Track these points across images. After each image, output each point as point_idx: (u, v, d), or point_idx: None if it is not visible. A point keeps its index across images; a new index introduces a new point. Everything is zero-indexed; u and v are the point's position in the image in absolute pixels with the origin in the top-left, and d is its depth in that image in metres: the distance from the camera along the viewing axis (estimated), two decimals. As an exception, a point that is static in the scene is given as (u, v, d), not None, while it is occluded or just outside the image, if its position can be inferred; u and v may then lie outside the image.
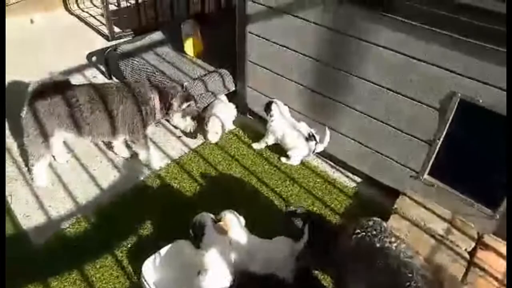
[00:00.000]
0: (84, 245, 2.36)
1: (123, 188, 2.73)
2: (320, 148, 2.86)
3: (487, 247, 2.21)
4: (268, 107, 2.95)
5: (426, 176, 2.49)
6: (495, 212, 2.27)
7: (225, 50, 3.31)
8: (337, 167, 2.99)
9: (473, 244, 2.24)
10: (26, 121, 2.48)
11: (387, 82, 2.42)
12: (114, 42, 4.18)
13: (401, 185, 2.61)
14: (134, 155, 2.93)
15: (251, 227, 2.24)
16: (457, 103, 2.20)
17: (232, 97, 3.41)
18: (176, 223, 2.47)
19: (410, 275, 1.54)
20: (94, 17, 4.81)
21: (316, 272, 2.22)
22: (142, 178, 2.82)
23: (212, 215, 2.19)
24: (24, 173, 2.80)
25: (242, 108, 3.37)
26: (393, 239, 1.74)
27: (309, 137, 2.83)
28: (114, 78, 3.68)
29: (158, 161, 2.89)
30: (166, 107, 2.67)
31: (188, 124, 2.82)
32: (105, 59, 3.64)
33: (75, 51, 4.04)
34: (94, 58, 4.00)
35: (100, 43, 4.26)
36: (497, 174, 2.34)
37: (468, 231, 2.31)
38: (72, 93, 2.50)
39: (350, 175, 2.93)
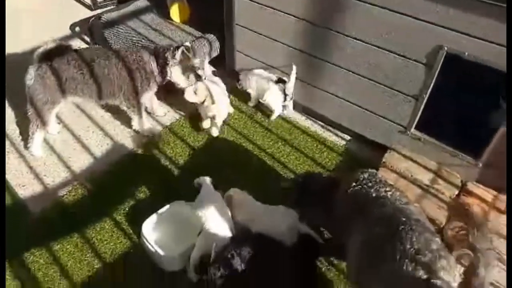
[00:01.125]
0: (82, 210, 2.42)
1: (117, 155, 2.76)
2: (290, 87, 2.91)
3: (470, 193, 2.33)
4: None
5: (413, 130, 2.57)
6: (477, 161, 2.37)
7: (212, 15, 3.27)
8: (327, 126, 3.05)
9: (456, 192, 2.35)
10: (33, 88, 2.48)
11: (374, 39, 2.44)
12: (97, 11, 4.08)
13: (389, 140, 2.69)
14: (126, 123, 2.95)
15: (244, 188, 2.32)
16: (443, 57, 2.25)
17: (220, 62, 3.40)
18: (171, 186, 2.54)
19: (404, 219, 1.60)
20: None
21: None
22: (136, 145, 2.85)
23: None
24: (17, 145, 2.80)
25: (231, 73, 3.37)
26: (388, 188, 1.80)
27: (278, 81, 2.93)
28: (99, 48, 3.62)
29: (149, 127, 2.91)
30: (162, 65, 2.63)
31: (190, 81, 2.71)
32: (89, 29, 3.57)
33: (57, 22, 3.94)
34: (77, 29, 3.90)
35: (83, 12, 4.15)
36: (481, 124, 2.44)
37: (453, 180, 2.42)
38: (75, 57, 2.52)
39: (340, 133, 2.99)
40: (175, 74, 2.68)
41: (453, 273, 1.43)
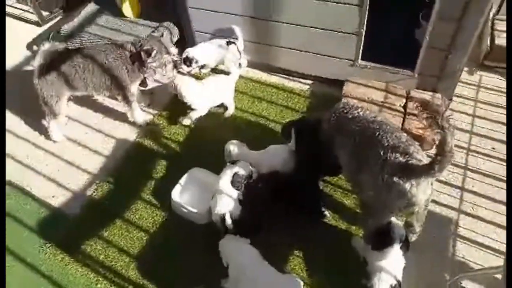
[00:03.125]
0: (114, 201, 2.83)
1: (122, 149, 3.14)
2: (240, 43, 3.36)
3: (413, 98, 2.96)
4: (187, 60, 3.41)
5: (360, 61, 3.13)
6: (414, 72, 2.99)
7: (161, 3, 3.55)
8: (291, 77, 3.55)
9: (404, 100, 2.98)
10: (40, 86, 2.94)
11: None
12: (47, 26, 4.20)
13: (344, 74, 3.23)
14: (120, 120, 3.30)
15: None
16: (369, -4, 2.77)
17: (182, 45, 3.73)
18: (181, 161, 2.97)
19: (377, 127, 2.12)
20: (11, 6, 4.63)
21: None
22: (136, 136, 3.22)
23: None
24: (32, 165, 3.10)
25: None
26: (359, 110, 2.31)
27: (228, 43, 3.36)
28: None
29: (143, 117, 3.27)
30: (139, 59, 2.94)
31: (169, 74, 3.08)
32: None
33: (11, 46, 4.02)
34: (35, 47, 4.03)
35: (30, 30, 4.23)
36: (410, 43, 3.05)
37: (399, 92, 3.04)
38: (69, 56, 2.91)
39: (303, 80, 3.51)
40: (159, 76, 3.11)
41: (421, 153, 2.02)
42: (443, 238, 2.45)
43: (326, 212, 2.59)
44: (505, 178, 2.68)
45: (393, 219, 2.21)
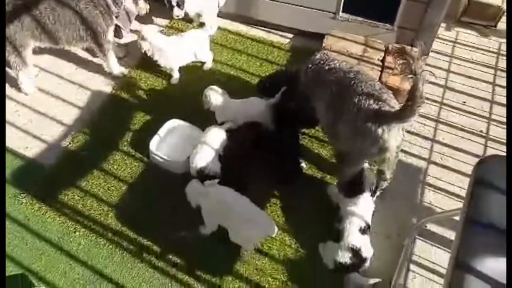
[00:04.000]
0: (91, 152, 2.79)
1: (98, 100, 3.07)
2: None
3: (392, 53, 2.98)
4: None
5: (341, 14, 3.10)
6: (393, 26, 3.00)
7: None
8: (271, 30, 3.49)
9: (382, 54, 3.00)
10: (8, 33, 2.75)
11: None
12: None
13: (324, 27, 3.20)
14: (94, 69, 3.20)
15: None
16: None
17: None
18: (158, 113, 2.93)
19: (353, 75, 2.14)
20: None
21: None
22: (112, 88, 3.14)
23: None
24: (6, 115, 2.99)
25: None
26: (335, 61, 2.31)
27: None
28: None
29: (119, 68, 3.18)
30: None
31: (141, 7, 2.99)
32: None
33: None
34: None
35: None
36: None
37: (378, 46, 3.05)
38: (36, 6, 2.71)
39: (283, 33, 3.47)
40: (128, 4, 2.97)
41: (394, 101, 2.07)
42: (412, 186, 2.58)
43: (303, 164, 2.66)
44: (473, 130, 2.81)
45: (365, 169, 2.30)
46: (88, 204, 2.56)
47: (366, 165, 2.33)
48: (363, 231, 2.16)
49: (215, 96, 2.66)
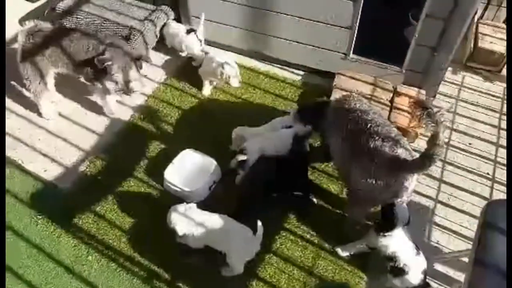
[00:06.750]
0: (107, 177, 2.88)
1: (117, 128, 3.18)
2: (200, 32, 3.49)
3: (400, 94, 3.11)
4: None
5: (351, 55, 3.26)
6: (402, 68, 3.14)
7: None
8: (284, 67, 3.65)
9: (391, 94, 3.12)
10: (23, 65, 2.94)
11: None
12: (39, 3, 4.17)
13: (335, 67, 3.35)
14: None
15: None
16: (364, -8, 2.89)
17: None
18: (174, 142, 3.04)
19: (369, 118, 2.23)
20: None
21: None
22: (130, 116, 3.27)
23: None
24: (25, 140, 3.11)
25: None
26: (356, 101, 2.40)
27: (189, 31, 3.49)
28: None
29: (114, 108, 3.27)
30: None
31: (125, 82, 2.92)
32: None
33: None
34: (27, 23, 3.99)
35: (22, 6, 4.19)
36: (399, 40, 3.19)
37: (387, 87, 3.18)
38: (54, 36, 2.90)
39: (295, 70, 3.62)
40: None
41: (409, 146, 2.15)
42: (420, 225, 2.61)
43: (314, 199, 2.72)
44: (480, 172, 2.88)
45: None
46: (102, 229, 2.61)
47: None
48: (417, 252, 2.16)
49: (245, 133, 2.82)
